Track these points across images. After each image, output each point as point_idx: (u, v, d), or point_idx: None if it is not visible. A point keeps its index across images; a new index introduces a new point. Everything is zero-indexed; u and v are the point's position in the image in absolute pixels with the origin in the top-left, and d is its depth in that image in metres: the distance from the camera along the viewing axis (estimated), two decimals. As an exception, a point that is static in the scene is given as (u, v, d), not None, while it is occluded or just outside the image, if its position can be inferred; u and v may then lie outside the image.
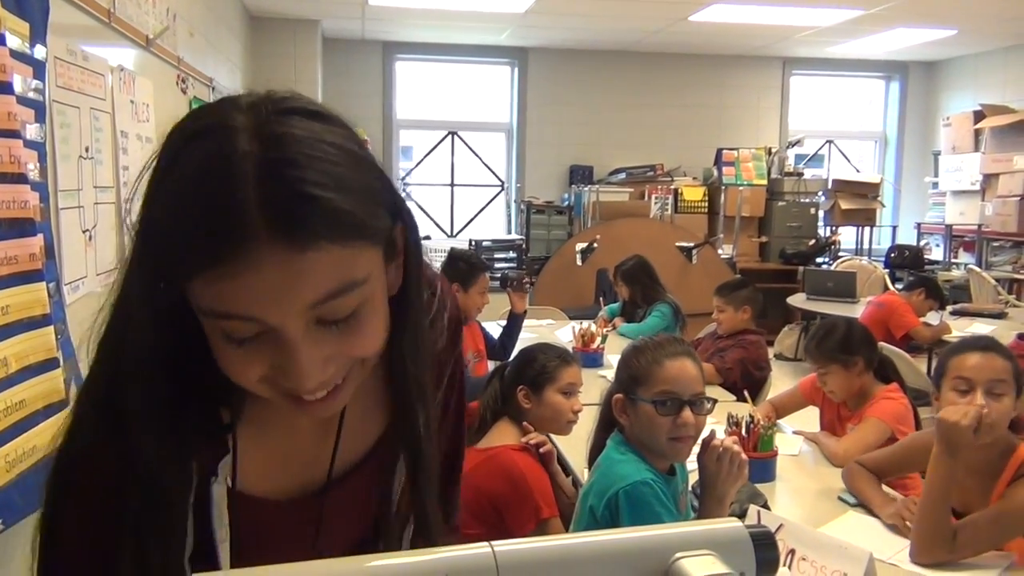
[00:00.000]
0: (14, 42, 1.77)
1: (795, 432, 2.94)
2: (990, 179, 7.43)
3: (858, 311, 5.20)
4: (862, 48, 8.01)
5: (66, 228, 2.14)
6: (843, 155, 9.23)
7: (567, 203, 8.21)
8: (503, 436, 2.31)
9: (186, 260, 0.64)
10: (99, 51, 2.47)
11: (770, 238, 8.17)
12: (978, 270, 6.99)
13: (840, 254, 8.24)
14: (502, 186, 8.73)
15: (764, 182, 8.11)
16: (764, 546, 0.58)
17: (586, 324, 4.13)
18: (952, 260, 7.99)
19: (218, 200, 0.63)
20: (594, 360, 3.84)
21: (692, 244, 6.13)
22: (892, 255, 8.01)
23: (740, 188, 7.85)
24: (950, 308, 5.73)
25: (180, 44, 3.66)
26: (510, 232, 8.47)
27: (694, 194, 8.14)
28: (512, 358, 2.59)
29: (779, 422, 2.98)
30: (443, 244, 7.11)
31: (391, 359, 0.80)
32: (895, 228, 8.98)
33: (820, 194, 8.36)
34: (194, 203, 0.64)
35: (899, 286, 6.54)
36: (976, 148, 7.63)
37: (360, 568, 0.54)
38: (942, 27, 7.09)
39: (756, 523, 0.60)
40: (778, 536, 1.68)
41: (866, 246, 8.50)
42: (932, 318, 5.16)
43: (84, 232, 2.30)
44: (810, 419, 3.08)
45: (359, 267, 0.68)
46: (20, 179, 1.70)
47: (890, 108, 9.19)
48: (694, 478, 1.91)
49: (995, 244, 7.48)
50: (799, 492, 2.39)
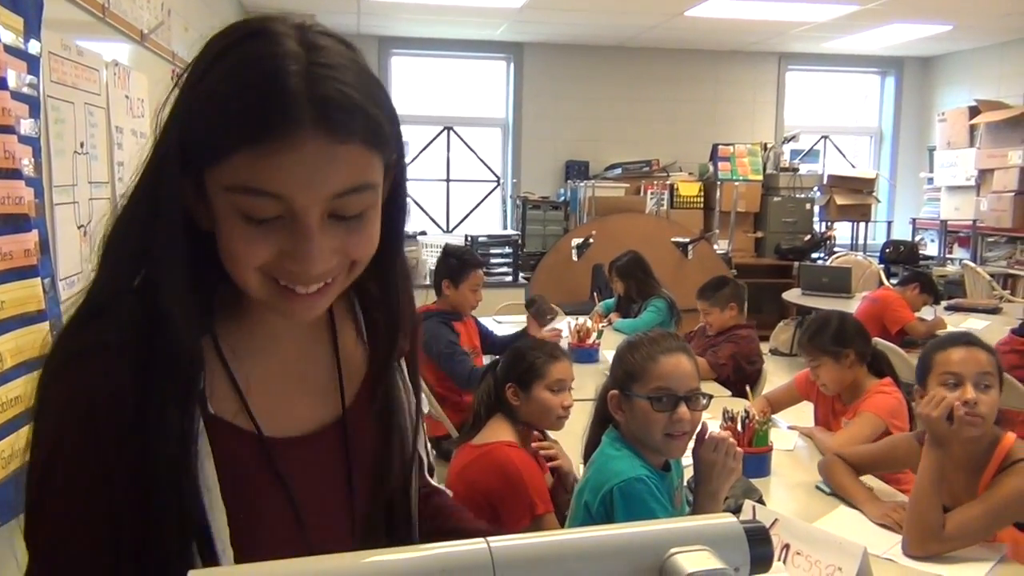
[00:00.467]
0: (8, 37, 1.76)
1: (790, 427, 2.95)
2: (985, 174, 7.44)
3: (853, 306, 5.21)
4: (857, 43, 8.01)
5: (61, 224, 2.14)
6: (838, 150, 9.24)
7: (563, 198, 8.21)
8: (497, 432, 2.32)
9: (236, 133, 0.72)
10: (93, 46, 2.47)
11: (765, 233, 8.18)
12: (973, 265, 7.01)
13: (835, 249, 8.25)
14: (498, 181, 8.72)
15: (759, 178, 8.11)
16: (758, 541, 0.59)
17: (582, 320, 4.13)
18: (947, 255, 8.00)
19: (270, 85, 0.72)
20: (590, 355, 3.85)
21: (688, 239, 6.13)
22: (887, 250, 8.02)
23: (736, 183, 7.85)
24: (945, 303, 5.74)
25: (175, 39, 3.65)
26: (506, 227, 8.46)
27: (690, 189, 8.14)
28: (504, 355, 2.60)
29: (774, 417, 2.98)
30: (439, 240, 7.10)
31: (381, 276, 0.90)
32: (890, 223, 9.00)
33: (815, 189, 8.37)
34: (247, 85, 0.72)
35: (894, 281, 6.55)
36: (971, 143, 7.64)
37: (357, 564, 0.54)
38: (937, 22, 7.10)
39: (751, 518, 0.60)
40: (772, 531, 1.69)
41: (861, 241, 8.52)
42: (927, 313, 5.17)
43: (79, 228, 2.30)
44: (805, 414, 3.09)
45: (374, 173, 0.78)
46: (15, 175, 1.70)
47: (885, 103, 9.20)
48: (689, 473, 1.92)
49: (990, 239, 7.50)
50: (794, 487, 2.39)
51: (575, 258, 6.11)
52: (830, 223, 8.43)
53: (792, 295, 6.46)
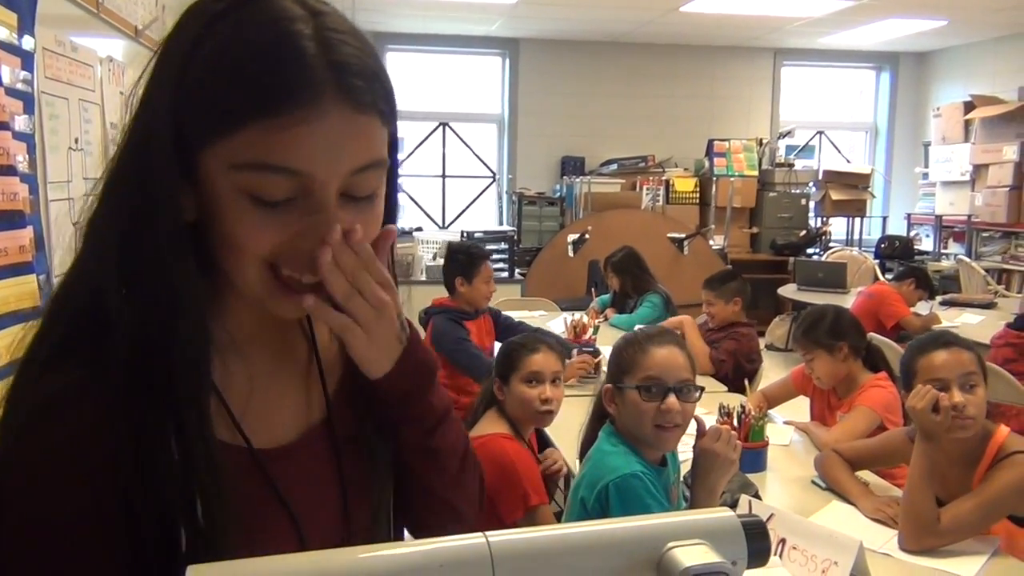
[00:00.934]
0: (2, 33, 1.76)
1: (786, 422, 2.96)
2: (980, 169, 7.46)
3: (848, 301, 5.22)
4: (853, 39, 8.02)
5: (56, 220, 2.13)
6: (834, 146, 9.25)
7: (559, 194, 8.21)
8: (491, 425, 2.33)
9: (249, 103, 0.64)
10: (88, 42, 2.46)
11: (761, 229, 8.19)
12: (968, 260, 7.03)
13: (831, 245, 8.27)
14: (493, 177, 8.71)
15: (755, 173, 8.13)
16: (755, 535, 0.59)
17: (578, 315, 4.13)
18: (942, 250, 8.02)
19: (285, 49, 0.65)
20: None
21: (683, 235, 6.14)
22: (882, 245, 8.04)
23: (731, 179, 7.85)
24: (940, 298, 5.76)
25: (169, 35, 3.63)
26: (502, 223, 8.46)
27: (685, 185, 8.15)
28: None
29: (770, 412, 2.99)
30: (435, 236, 7.09)
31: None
32: (885, 219, 9.02)
33: (811, 185, 8.38)
34: (259, 49, 0.65)
35: (889, 276, 6.56)
36: (966, 139, 7.65)
37: (354, 559, 0.54)
38: (933, 17, 7.11)
39: (747, 513, 0.60)
40: (769, 525, 1.69)
41: (856, 237, 8.54)
42: (922, 308, 5.18)
43: (74, 224, 2.29)
44: (801, 409, 3.09)
45: (384, 149, 0.72)
46: (9, 171, 1.69)
47: (881, 99, 9.21)
48: (686, 468, 1.92)
49: (984, 234, 7.51)
50: (790, 482, 2.40)
51: (571, 254, 6.11)
52: (825, 218, 8.44)
53: (788, 291, 6.47)
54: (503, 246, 6.57)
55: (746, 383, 3.08)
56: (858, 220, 8.56)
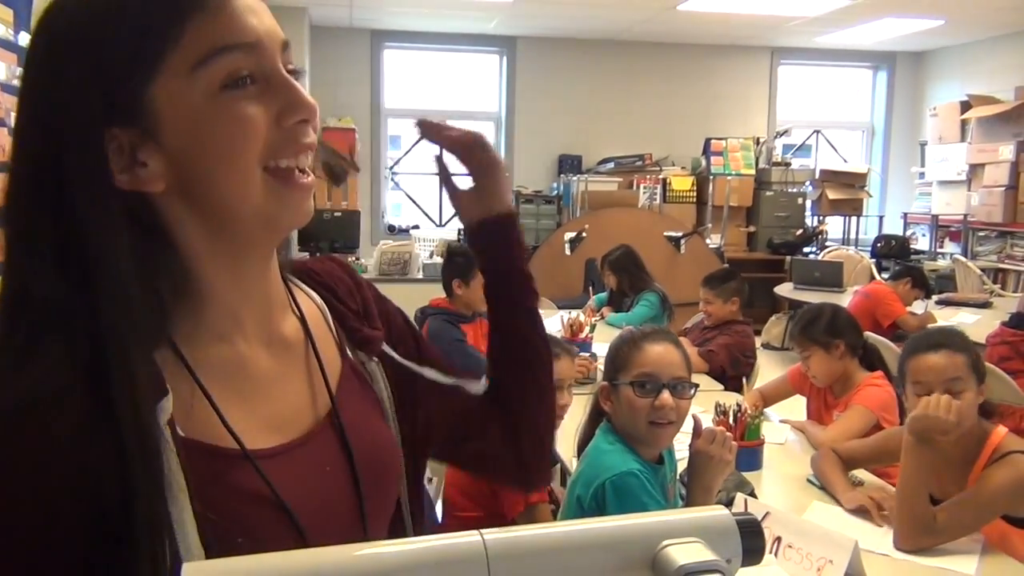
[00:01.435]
0: (-2, 29, 1.75)
1: (782, 421, 2.96)
2: (976, 169, 7.47)
3: (845, 300, 5.22)
4: (850, 38, 8.03)
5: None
6: (831, 145, 9.26)
7: (556, 193, 8.21)
8: None
9: (177, 7, 0.67)
10: (84, 39, 2.45)
11: (758, 228, 8.20)
12: (964, 260, 7.04)
13: (827, 244, 8.28)
14: (491, 175, 8.70)
15: (752, 172, 8.13)
16: (751, 534, 0.59)
17: (575, 314, 4.14)
18: (938, 250, 8.04)
19: None
20: (583, 349, 3.85)
21: (680, 234, 6.14)
22: (879, 245, 8.05)
23: (728, 178, 7.86)
24: (936, 297, 5.77)
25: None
26: (499, 222, 8.45)
27: (682, 184, 8.15)
28: None
29: (766, 411, 3.00)
30: (432, 234, 7.09)
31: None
32: (882, 218, 9.03)
33: (807, 184, 8.39)
34: None
35: (885, 275, 6.58)
36: (962, 138, 7.67)
37: (350, 556, 0.54)
38: (930, 17, 7.12)
39: (743, 511, 0.60)
40: (764, 524, 1.69)
41: (853, 236, 8.55)
42: (918, 307, 5.20)
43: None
44: (797, 408, 3.10)
45: None
46: (6, 168, 1.69)
47: (877, 98, 9.22)
48: (682, 467, 1.92)
49: (980, 234, 7.53)
50: (785, 480, 2.40)
51: (568, 252, 6.11)
52: (822, 217, 8.45)
53: (784, 289, 6.48)
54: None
55: (744, 381, 3.08)
56: (854, 219, 8.57)
